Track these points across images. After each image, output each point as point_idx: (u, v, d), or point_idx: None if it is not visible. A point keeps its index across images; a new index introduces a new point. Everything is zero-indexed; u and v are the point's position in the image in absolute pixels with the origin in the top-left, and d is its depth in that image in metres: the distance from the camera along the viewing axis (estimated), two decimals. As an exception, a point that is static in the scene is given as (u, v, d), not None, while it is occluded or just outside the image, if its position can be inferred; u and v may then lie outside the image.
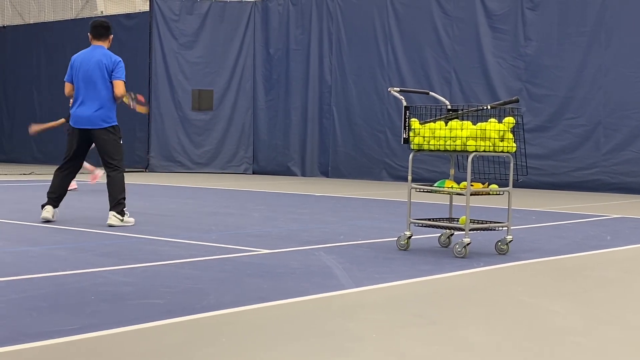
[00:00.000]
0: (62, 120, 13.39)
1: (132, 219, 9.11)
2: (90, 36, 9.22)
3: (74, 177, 9.48)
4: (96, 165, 13.79)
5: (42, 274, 5.91)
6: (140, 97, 9.59)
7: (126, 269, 6.21)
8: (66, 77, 9.25)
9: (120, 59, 9.13)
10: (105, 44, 9.18)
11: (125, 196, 9.08)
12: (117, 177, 9.03)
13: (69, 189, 12.96)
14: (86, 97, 9.00)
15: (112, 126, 9.06)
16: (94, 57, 9.02)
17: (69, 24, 24.40)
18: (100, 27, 9.17)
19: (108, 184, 9.02)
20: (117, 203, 8.94)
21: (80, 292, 5.26)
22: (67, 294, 5.21)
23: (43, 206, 9.18)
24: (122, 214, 8.96)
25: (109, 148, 9.03)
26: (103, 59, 8.98)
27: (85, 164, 13.40)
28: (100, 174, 13.91)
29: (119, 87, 9.03)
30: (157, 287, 5.47)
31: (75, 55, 9.27)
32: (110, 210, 8.93)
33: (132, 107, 9.39)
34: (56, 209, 9.23)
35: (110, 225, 8.82)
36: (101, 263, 6.39)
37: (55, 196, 9.20)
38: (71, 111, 9.19)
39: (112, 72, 9.00)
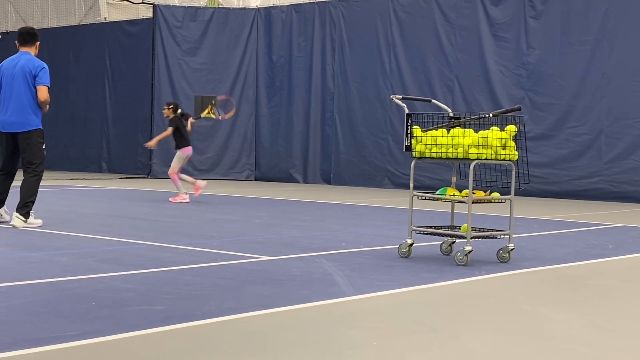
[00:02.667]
0: (171, 129, 13.78)
1: (38, 220, 9.21)
2: (17, 43, 9.45)
3: (11, 180, 9.56)
4: (196, 177, 14.00)
5: (43, 279, 5.91)
6: (221, 98, 9.66)
7: (127, 275, 6.20)
8: None
9: (45, 64, 9.29)
10: (32, 50, 9.38)
11: (35, 200, 9.21)
12: (31, 180, 9.21)
13: (180, 200, 13.28)
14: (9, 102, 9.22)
15: (35, 129, 9.23)
16: (18, 62, 9.23)
17: (72, 29, 24.44)
18: (27, 34, 9.42)
19: (21, 185, 9.19)
20: (24, 205, 9.10)
21: (81, 298, 5.26)
22: (68, 299, 5.21)
23: None
24: (26, 215, 9.09)
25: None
26: (27, 65, 9.17)
27: (186, 177, 13.62)
28: (203, 184, 13.96)
29: (43, 92, 9.19)
30: (158, 293, 5.47)
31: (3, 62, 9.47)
32: (15, 212, 9.11)
33: (220, 117, 9.53)
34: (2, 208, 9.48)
35: (14, 226, 8.99)
36: (102, 269, 6.39)
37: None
38: None
39: (35, 77, 9.17)
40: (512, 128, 7.17)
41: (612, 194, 15.96)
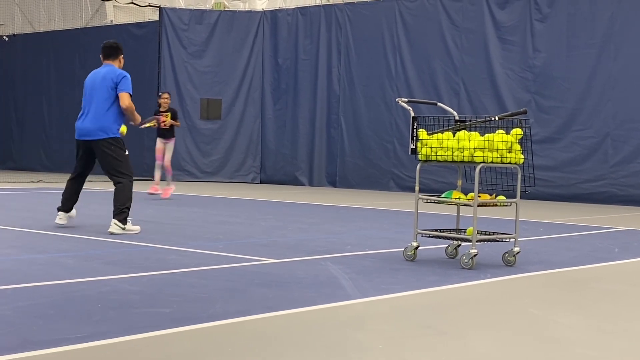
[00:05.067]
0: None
1: (137, 227, 9.14)
2: (101, 57, 9.59)
3: (81, 186, 9.64)
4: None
5: (49, 281, 5.92)
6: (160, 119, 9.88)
7: (133, 277, 6.21)
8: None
9: (126, 73, 9.37)
10: (115, 63, 9.48)
11: (130, 206, 9.16)
12: (119, 186, 9.22)
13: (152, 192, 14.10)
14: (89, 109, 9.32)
15: (113, 137, 9.24)
16: (100, 73, 9.37)
17: (79, 32, 24.49)
18: (109, 48, 9.55)
19: (114, 192, 9.20)
20: (120, 212, 9.03)
21: (87, 300, 5.26)
22: (74, 302, 5.22)
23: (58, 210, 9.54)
24: (124, 222, 9.02)
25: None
26: (108, 74, 9.28)
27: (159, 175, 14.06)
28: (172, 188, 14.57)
29: (124, 99, 9.25)
30: (163, 295, 5.47)
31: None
32: (113, 218, 9.05)
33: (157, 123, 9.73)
34: (69, 213, 9.52)
35: (111, 233, 8.89)
36: (108, 271, 6.40)
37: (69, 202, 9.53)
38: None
39: (117, 85, 9.25)
40: (518, 131, 7.16)
41: (618, 198, 15.94)
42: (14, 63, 26.39)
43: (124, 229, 8.99)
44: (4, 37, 26.40)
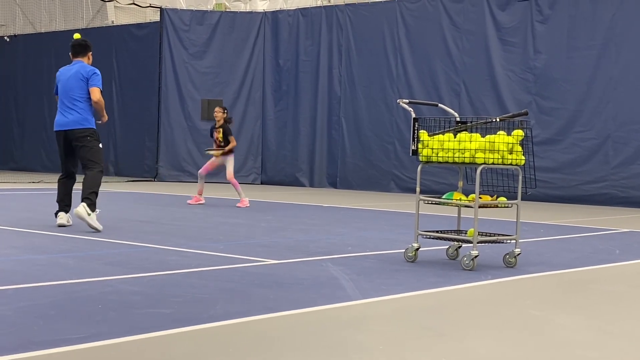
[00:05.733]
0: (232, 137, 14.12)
1: (99, 225, 9.17)
2: (70, 55, 9.94)
3: (73, 183, 9.78)
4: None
5: (50, 282, 5.92)
6: None
7: (134, 278, 6.22)
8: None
9: (96, 69, 9.71)
10: (84, 60, 9.84)
11: (97, 191, 9.36)
12: (90, 173, 9.43)
13: (195, 202, 13.68)
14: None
15: (89, 128, 9.59)
16: (72, 69, 9.73)
17: (80, 33, 24.47)
18: (79, 46, 9.93)
19: (83, 179, 9.39)
20: (86, 197, 9.21)
21: (88, 300, 5.27)
22: (75, 302, 5.22)
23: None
24: (91, 207, 9.17)
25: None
26: (80, 70, 9.64)
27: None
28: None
29: (95, 93, 9.57)
30: (164, 296, 5.47)
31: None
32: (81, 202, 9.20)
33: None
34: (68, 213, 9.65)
35: (77, 214, 9.04)
36: (109, 272, 6.40)
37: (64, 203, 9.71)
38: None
39: (87, 80, 9.60)
40: (519, 132, 7.16)
41: (619, 199, 15.94)
42: (15, 63, 26.40)
43: (89, 214, 9.10)
44: (5, 37, 26.42)
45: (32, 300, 5.22)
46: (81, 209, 9.08)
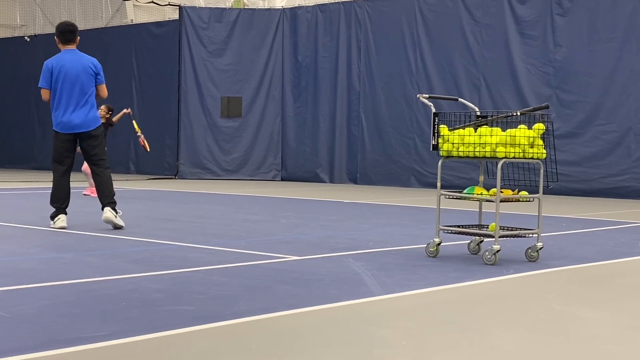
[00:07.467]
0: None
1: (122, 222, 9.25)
2: (59, 40, 9.52)
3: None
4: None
5: (73, 280, 5.95)
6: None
7: (156, 275, 6.23)
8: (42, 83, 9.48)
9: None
10: (74, 47, 9.48)
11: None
12: (107, 173, 9.39)
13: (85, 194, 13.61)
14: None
15: (99, 126, 9.42)
16: (78, 62, 9.31)
17: (99, 32, 24.59)
18: (69, 32, 9.47)
19: (102, 182, 9.32)
20: (113, 200, 9.24)
21: (111, 298, 5.29)
22: (98, 300, 5.24)
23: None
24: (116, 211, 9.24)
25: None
26: (88, 64, 9.31)
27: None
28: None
29: (104, 90, 9.40)
30: (187, 293, 5.49)
31: (51, 61, 9.50)
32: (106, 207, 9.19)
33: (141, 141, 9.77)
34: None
35: (107, 219, 9.07)
36: (131, 270, 6.42)
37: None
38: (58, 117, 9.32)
39: (97, 75, 9.37)
40: (540, 126, 7.12)
41: (642, 192, 15.83)
42: (36, 63, 26.44)
43: (116, 217, 9.13)
44: (26, 37, 26.56)
45: (55, 299, 5.25)
46: (110, 214, 9.08)
